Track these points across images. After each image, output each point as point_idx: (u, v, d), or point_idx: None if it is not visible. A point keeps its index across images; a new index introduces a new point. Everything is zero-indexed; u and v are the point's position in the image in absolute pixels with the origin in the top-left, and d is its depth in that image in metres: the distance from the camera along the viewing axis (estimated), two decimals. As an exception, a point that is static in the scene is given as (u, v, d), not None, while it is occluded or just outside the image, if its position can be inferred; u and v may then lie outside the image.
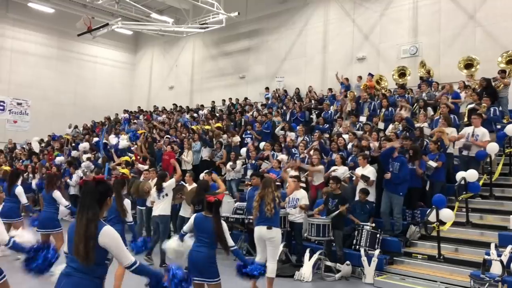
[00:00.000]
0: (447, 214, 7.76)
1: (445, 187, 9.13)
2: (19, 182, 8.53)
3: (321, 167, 9.88)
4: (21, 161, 17.62)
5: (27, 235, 4.04)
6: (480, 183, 8.93)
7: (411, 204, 8.84)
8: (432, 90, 12.74)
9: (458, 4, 14.90)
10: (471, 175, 8.55)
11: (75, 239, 2.87)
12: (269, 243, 6.43)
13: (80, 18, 20.60)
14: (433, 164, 8.82)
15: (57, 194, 7.55)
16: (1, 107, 23.29)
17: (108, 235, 2.91)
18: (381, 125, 11.68)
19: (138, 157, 13.31)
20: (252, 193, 7.57)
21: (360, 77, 15.83)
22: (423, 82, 13.30)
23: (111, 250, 2.91)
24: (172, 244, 5.10)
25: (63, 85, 25.07)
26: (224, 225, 4.85)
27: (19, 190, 8.15)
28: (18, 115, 23.84)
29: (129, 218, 6.13)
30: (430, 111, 11.64)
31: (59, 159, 16.36)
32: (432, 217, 7.72)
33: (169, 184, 8.20)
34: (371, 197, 8.79)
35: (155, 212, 8.25)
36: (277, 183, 8.82)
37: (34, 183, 14.36)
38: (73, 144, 18.33)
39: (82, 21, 20.27)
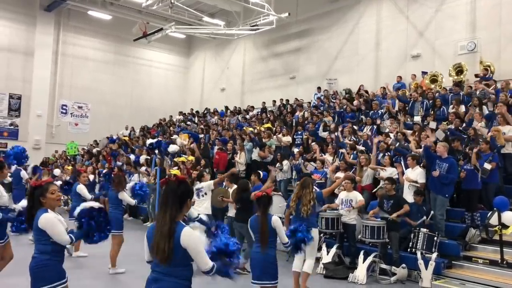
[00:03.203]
0: (510, 217, 7.40)
1: (503, 188, 8.73)
2: (83, 181, 8.85)
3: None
4: (83, 162, 18.53)
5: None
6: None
7: (470, 206, 8.51)
8: (489, 88, 12.14)
9: (521, -4, 14.17)
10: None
11: (156, 238, 2.83)
12: None
13: (135, 24, 21.45)
14: (487, 166, 8.44)
15: (123, 195, 7.68)
16: (64, 111, 24.67)
17: (190, 236, 2.85)
18: (432, 125, 11.31)
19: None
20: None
21: (414, 75, 15.41)
22: (477, 80, 12.73)
23: (190, 252, 2.84)
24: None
25: (120, 89, 26.18)
26: (277, 221, 4.77)
27: (80, 187, 8.52)
28: (79, 118, 25.15)
29: (195, 213, 6.25)
30: (485, 109, 11.13)
31: (120, 159, 17.03)
32: (493, 220, 7.40)
33: (208, 184, 8.30)
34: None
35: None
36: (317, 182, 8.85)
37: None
38: (132, 147, 18.97)
39: (138, 27, 21.08)
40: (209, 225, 6.49)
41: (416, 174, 8.71)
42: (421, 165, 8.88)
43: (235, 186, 8.99)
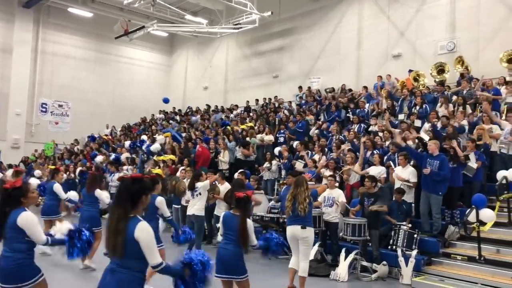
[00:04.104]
0: (487, 214, 7.55)
1: (485, 186, 8.89)
2: (59, 180, 8.68)
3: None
4: (62, 161, 18.28)
5: (64, 226, 4.14)
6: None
7: (450, 204, 8.64)
8: (473, 87, 12.36)
9: (499, -2, 14.44)
10: (513, 174, 8.30)
11: (108, 233, 3.00)
12: (302, 242, 6.44)
13: (117, 22, 21.20)
14: (473, 165, 8.59)
15: (98, 192, 7.66)
16: (44, 109, 24.24)
17: (143, 230, 2.97)
18: (417, 123, 11.46)
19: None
20: (286, 192, 7.59)
21: (389, 76, 15.61)
22: (463, 79, 12.94)
23: (142, 246, 2.95)
24: None
25: (101, 87, 25.85)
26: (250, 223, 4.85)
27: (56, 186, 8.36)
28: (59, 116, 24.74)
29: (167, 213, 6.34)
30: (468, 109, 11.34)
31: (99, 158, 16.87)
32: (472, 217, 7.53)
33: (204, 185, 8.27)
34: (409, 198, 8.66)
35: (189, 211, 8.24)
36: (311, 182, 8.86)
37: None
38: (113, 145, 18.81)
39: (119, 24, 20.85)
40: (177, 227, 6.54)
41: (408, 173, 8.77)
42: (412, 163, 8.95)
43: (226, 184, 8.97)
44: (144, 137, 17.94)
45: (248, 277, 4.79)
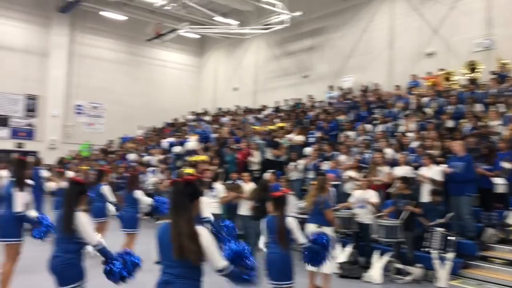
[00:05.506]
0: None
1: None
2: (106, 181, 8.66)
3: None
4: (97, 161, 18.71)
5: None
6: None
7: (487, 206, 8.41)
8: (507, 85, 11.97)
9: (539, -8, 13.94)
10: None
11: (177, 240, 2.80)
12: None
13: (149, 24, 21.59)
14: (507, 165, 8.32)
15: (139, 193, 7.74)
16: (79, 111, 24.94)
17: (203, 235, 2.86)
18: (450, 123, 11.19)
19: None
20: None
21: (427, 74, 15.28)
22: (493, 77, 12.55)
23: (205, 251, 2.84)
24: None
25: (134, 89, 26.36)
26: (292, 221, 4.75)
27: (104, 188, 8.33)
28: (94, 118, 25.41)
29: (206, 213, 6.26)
30: (502, 107, 10.98)
31: (131, 156, 17.18)
32: (510, 220, 7.31)
33: (221, 189, 8.36)
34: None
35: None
36: (334, 183, 8.82)
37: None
38: (146, 146, 19.12)
39: (152, 27, 21.22)
40: (218, 228, 6.55)
41: (433, 172, 8.60)
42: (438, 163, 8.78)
43: (251, 184, 9.01)
44: (172, 138, 18.15)
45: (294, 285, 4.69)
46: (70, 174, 16.58)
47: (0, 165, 11.93)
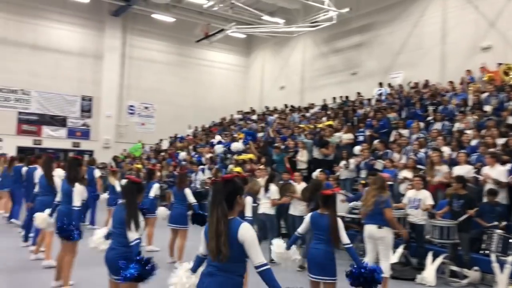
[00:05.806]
0: None
1: None
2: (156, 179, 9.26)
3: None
4: (149, 160, 19.30)
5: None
6: None
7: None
8: None
9: None
10: None
11: (210, 236, 2.95)
12: (379, 242, 6.33)
13: (197, 26, 21.98)
14: None
15: (188, 191, 7.94)
16: (132, 111, 25.82)
17: (247, 231, 2.93)
18: (510, 120, 10.66)
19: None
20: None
21: (483, 68, 14.62)
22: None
23: (246, 246, 2.90)
24: (277, 249, 4.77)
25: (183, 89, 26.98)
26: (340, 222, 4.79)
27: (156, 186, 8.85)
28: (145, 118, 26.22)
29: (248, 213, 6.17)
30: None
31: (182, 155, 17.59)
32: None
33: (275, 190, 8.40)
34: (503, 200, 8.09)
35: (260, 210, 8.38)
36: (389, 183, 8.61)
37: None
38: (195, 145, 19.49)
39: (200, 28, 21.59)
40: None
41: (497, 172, 8.23)
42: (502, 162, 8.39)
43: (303, 183, 8.99)
44: (218, 137, 18.40)
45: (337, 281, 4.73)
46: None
47: (58, 163, 12.53)
